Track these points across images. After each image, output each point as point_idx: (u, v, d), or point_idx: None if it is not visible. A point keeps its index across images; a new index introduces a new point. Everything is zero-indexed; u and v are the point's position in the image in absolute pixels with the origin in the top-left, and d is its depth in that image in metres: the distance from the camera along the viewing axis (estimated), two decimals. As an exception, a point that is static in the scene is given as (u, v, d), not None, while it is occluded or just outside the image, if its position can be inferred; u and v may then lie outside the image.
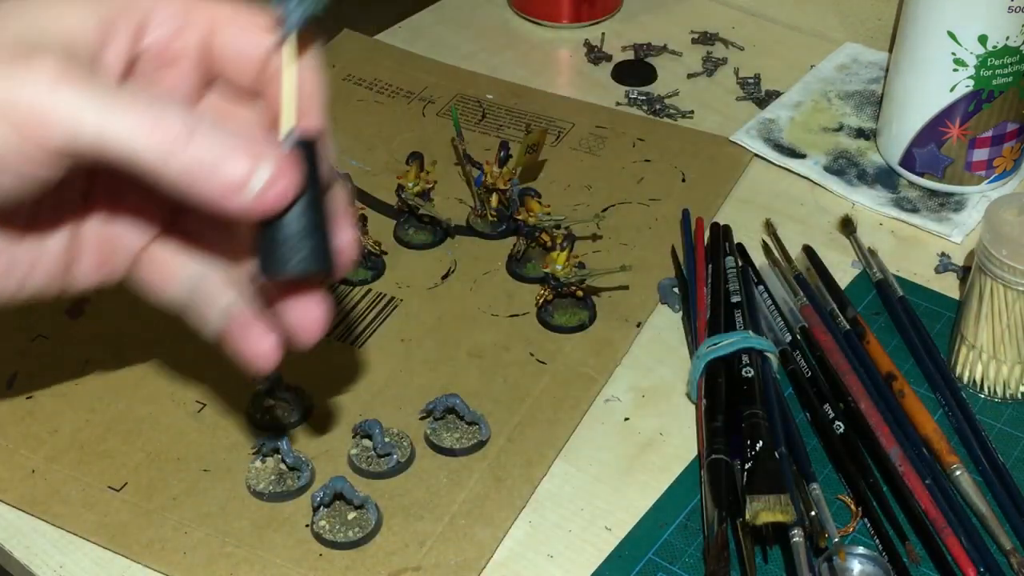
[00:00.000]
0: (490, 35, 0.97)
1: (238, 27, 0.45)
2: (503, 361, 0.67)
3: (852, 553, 0.55)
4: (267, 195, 0.42)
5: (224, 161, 0.41)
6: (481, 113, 0.87)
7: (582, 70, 0.93)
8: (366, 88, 0.89)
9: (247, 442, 0.63)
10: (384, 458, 0.61)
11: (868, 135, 0.84)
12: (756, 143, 0.84)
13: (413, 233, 0.76)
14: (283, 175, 0.42)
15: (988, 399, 0.65)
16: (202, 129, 0.40)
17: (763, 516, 0.54)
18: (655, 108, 0.88)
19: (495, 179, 0.75)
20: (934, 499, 0.58)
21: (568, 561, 0.58)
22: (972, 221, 0.77)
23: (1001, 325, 0.63)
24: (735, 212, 0.78)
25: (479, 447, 0.62)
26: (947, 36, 0.73)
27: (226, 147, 0.41)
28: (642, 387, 0.67)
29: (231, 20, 0.45)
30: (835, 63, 0.92)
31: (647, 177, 0.81)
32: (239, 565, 0.57)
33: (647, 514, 0.60)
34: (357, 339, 0.69)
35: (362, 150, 0.83)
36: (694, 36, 0.96)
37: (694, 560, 0.57)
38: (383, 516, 0.59)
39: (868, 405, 0.63)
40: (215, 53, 0.45)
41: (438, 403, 0.62)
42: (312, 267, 0.43)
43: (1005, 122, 0.76)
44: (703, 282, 0.70)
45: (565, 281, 0.68)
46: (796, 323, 0.68)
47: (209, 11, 0.45)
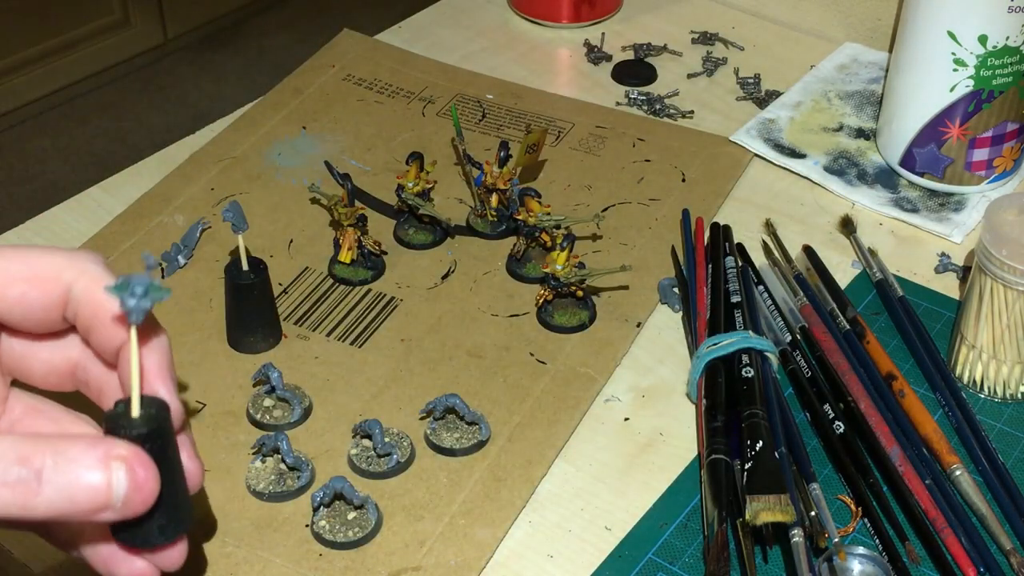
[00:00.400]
0: (490, 35, 0.97)
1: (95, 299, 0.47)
2: (503, 361, 0.67)
3: (852, 553, 0.55)
4: (133, 500, 0.43)
5: (78, 492, 0.42)
6: (481, 113, 0.87)
7: (582, 70, 0.93)
8: (366, 88, 0.89)
9: (247, 442, 0.63)
10: (384, 458, 0.61)
11: (868, 135, 0.84)
12: (756, 143, 0.84)
13: (413, 233, 0.76)
14: (139, 474, 0.43)
15: (988, 399, 0.65)
16: (46, 470, 0.41)
17: (763, 516, 0.54)
18: (655, 108, 0.88)
19: (495, 179, 0.75)
20: (934, 499, 0.58)
21: (568, 561, 0.58)
22: (972, 221, 0.77)
23: (1001, 325, 0.63)
24: (735, 212, 0.78)
25: (479, 447, 0.62)
26: (947, 36, 0.73)
27: (76, 475, 0.42)
28: (642, 387, 0.67)
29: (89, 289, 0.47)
30: (835, 63, 0.92)
31: (647, 177, 0.81)
32: (239, 565, 0.57)
33: (647, 514, 0.60)
34: (357, 339, 0.69)
35: (362, 150, 0.83)
36: (694, 36, 0.96)
37: (694, 560, 0.57)
38: (383, 516, 0.59)
39: (868, 405, 0.63)
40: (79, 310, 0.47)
41: (438, 403, 0.62)
42: (175, 534, 0.45)
43: (1005, 122, 0.76)
44: (703, 282, 0.70)
45: (565, 281, 0.68)
46: (796, 323, 0.68)
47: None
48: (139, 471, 0.43)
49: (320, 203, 0.79)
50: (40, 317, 0.47)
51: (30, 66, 2.19)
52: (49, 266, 0.46)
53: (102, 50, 2.29)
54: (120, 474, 0.42)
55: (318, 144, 0.84)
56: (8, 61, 2.16)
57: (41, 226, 0.78)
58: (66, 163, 2.15)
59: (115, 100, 2.30)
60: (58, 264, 0.46)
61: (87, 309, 0.47)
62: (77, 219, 0.78)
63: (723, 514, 0.55)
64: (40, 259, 0.46)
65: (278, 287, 0.72)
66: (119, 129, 2.23)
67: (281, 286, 0.72)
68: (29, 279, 0.46)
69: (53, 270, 0.46)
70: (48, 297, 0.46)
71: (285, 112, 0.87)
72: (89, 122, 2.24)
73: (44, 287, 0.46)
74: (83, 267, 0.47)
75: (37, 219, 0.78)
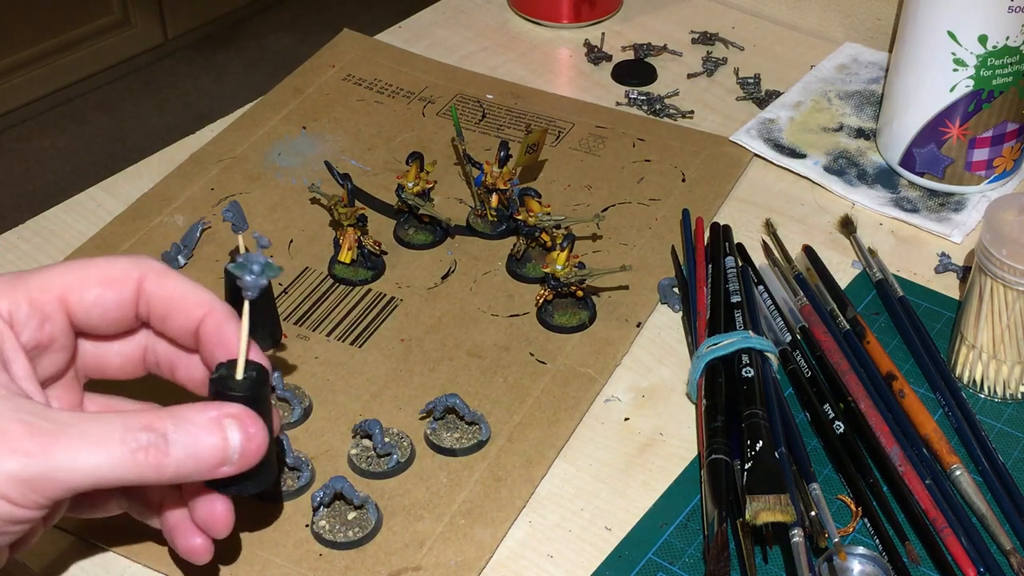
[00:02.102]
0: (490, 35, 0.97)
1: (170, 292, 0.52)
2: (503, 361, 0.67)
3: (852, 553, 0.55)
4: (247, 453, 0.48)
5: (201, 450, 0.47)
6: (481, 113, 0.87)
7: (582, 70, 0.93)
8: (366, 88, 0.89)
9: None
10: (384, 458, 0.61)
11: (868, 135, 0.84)
12: (756, 143, 0.84)
13: (413, 233, 0.76)
14: (249, 429, 0.48)
15: (988, 399, 0.65)
16: (170, 433, 0.46)
17: (763, 516, 0.54)
18: (655, 108, 0.88)
19: (495, 179, 0.75)
20: (934, 499, 0.58)
21: (568, 561, 0.58)
22: (972, 221, 0.77)
23: (1001, 325, 0.63)
24: (735, 212, 0.78)
25: (479, 447, 0.62)
26: (947, 36, 0.73)
27: (196, 435, 0.47)
28: (642, 387, 0.67)
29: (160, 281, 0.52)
30: (835, 63, 0.92)
31: (647, 177, 0.81)
32: (239, 565, 0.57)
33: (647, 514, 0.60)
34: (357, 339, 0.69)
35: (362, 150, 0.83)
36: (694, 36, 0.96)
37: (694, 560, 0.57)
38: (383, 516, 0.59)
39: (868, 405, 0.63)
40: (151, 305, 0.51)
41: (438, 403, 0.62)
42: (265, 484, 0.51)
43: (1005, 122, 0.76)
44: (703, 282, 0.70)
45: (565, 281, 0.68)
46: (796, 323, 0.68)
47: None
48: (250, 426, 0.48)
49: (320, 203, 0.79)
50: (116, 316, 0.51)
51: (30, 66, 2.19)
52: (117, 268, 0.51)
53: (102, 50, 2.29)
54: (234, 431, 0.47)
55: (318, 144, 0.84)
56: (8, 61, 2.16)
57: (41, 226, 0.78)
58: (66, 163, 2.15)
59: (115, 100, 2.30)
60: (124, 266, 0.51)
61: (160, 301, 0.51)
62: (77, 219, 0.78)
63: (723, 514, 0.55)
64: (108, 263, 0.51)
65: (278, 287, 0.72)
66: (119, 129, 2.23)
67: (281, 286, 0.72)
68: (103, 281, 0.50)
69: (122, 271, 0.51)
70: (122, 295, 0.50)
71: (285, 112, 0.87)
72: (89, 122, 2.25)
73: (118, 287, 0.50)
74: (147, 265, 0.51)
75: (37, 219, 0.78)
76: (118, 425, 0.45)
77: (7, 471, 0.44)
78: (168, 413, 0.47)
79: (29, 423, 0.44)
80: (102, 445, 0.45)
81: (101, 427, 0.45)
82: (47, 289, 0.49)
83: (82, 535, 0.58)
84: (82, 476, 0.45)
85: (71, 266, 0.50)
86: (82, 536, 0.58)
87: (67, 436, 0.45)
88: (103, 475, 0.45)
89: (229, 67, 2.41)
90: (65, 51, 2.23)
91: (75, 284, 0.50)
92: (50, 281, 0.49)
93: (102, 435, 0.45)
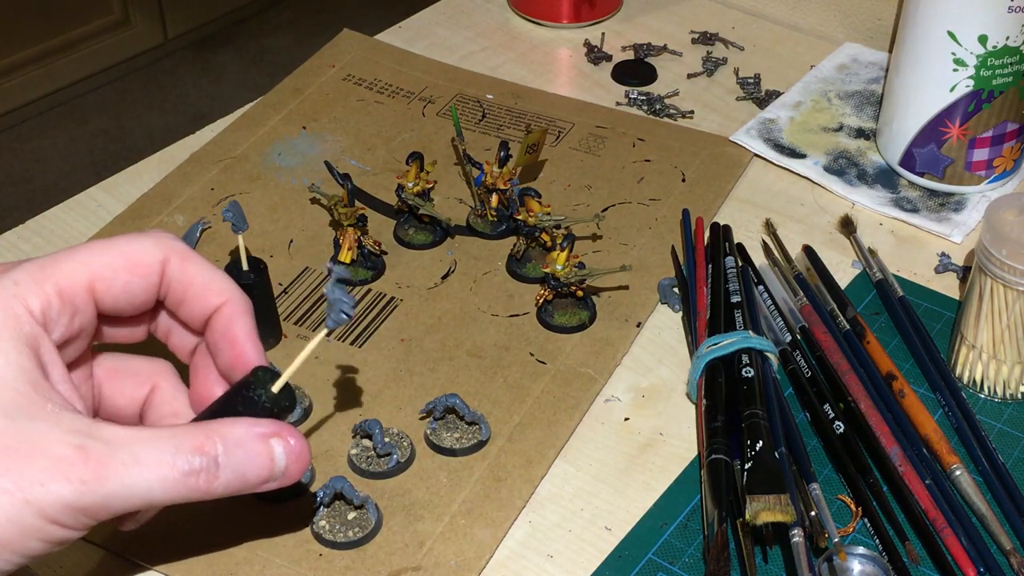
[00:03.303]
0: (490, 35, 0.97)
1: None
2: (503, 361, 0.67)
3: (852, 553, 0.55)
4: (292, 469, 0.49)
5: (250, 472, 0.48)
6: (481, 113, 0.87)
7: (582, 70, 0.93)
8: (366, 88, 0.89)
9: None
10: (384, 458, 0.61)
11: (868, 135, 0.84)
12: (756, 143, 0.84)
13: (413, 233, 0.76)
14: (295, 446, 0.49)
15: (988, 399, 0.65)
16: (220, 456, 0.46)
17: (763, 516, 0.54)
18: (655, 108, 0.88)
19: (495, 179, 0.75)
20: (934, 499, 0.58)
21: (568, 561, 0.58)
22: (972, 221, 0.77)
23: (1001, 325, 0.63)
24: (735, 212, 0.78)
25: (479, 447, 0.62)
26: (947, 36, 0.73)
27: (247, 459, 0.47)
28: (642, 387, 0.67)
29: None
30: (835, 63, 0.92)
31: (647, 177, 0.81)
32: (239, 565, 0.57)
33: (647, 514, 0.60)
34: (357, 339, 0.69)
35: (362, 150, 0.83)
36: (694, 36, 0.96)
37: (694, 560, 0.57)
38: (383, 516, 0.59)
39: (868, 405, 0.63)
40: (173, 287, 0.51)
41: (438, 403, 0.62)
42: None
43: (1005, 122, 0.76)
44: (703, 282, 0.70)
45: (565, 281, 0.68)
46: (796, 323, 0.68)
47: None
48: (295, 443, 0.48)
49: (320, 203, 0.79)
50: (141, 301, 0.51)
51: (30, 66, 2.19)
52: (144, 251, 0.50)
53: (102, 50, 2.29)
54: (280, 449, 0.48)
55: (318, 144, 0.84)
56: (8, 61, 2.16)
57: (41, 226, 0.78)
58: (66, 163, 2.15)
59: (115, 100, 2.30)
60: (149, 247, 0.50)
61: (179, 286, 0.51)
62: (77, 219, 0.78)
63: (723, 514, 0.55)
64: (131, 246, 0.50)
65: (278, 287, 0.72)
66: (119, 129, 2.23)
67: (281, 286, 0.72)
68: (131, 268, 0.50)
69: (148, 254, 0.50)
70: (148, 280, 0.50)
71: (285, 112, 0.87)
72: (89, 122, 2.25)
73: (144, 272, 0.50)
74: (170, 246, 0.50)
75: (37, 219, 0.78)
76: (169, 446, 0.46)
77: (62, 499, 0.43)
78: (217, 432, 0.47)
79: (81, 446, 0.44)
80: (155, 469, 0.45)
81: (153, 451, 0.45)
82: (76, 278, 0.48)
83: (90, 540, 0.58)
84: (135, 501, 0.45)
85: (96, 249, 0.49)
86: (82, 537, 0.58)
87: (120, 462, 0.44)
88: (155, 498, 0.45)
89: (229, 67, 2.41)
90: (65, 51, 2.23)
91: (103, 271, 0.49)
92: (78, 269, 0.48)
93: (154, 459, 0.45)
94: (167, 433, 0.46)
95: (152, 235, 0.50)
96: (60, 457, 0.44)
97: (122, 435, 0.45)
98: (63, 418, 0.45)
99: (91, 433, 0.45)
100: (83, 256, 0.49)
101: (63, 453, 0.44)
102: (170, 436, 0.46)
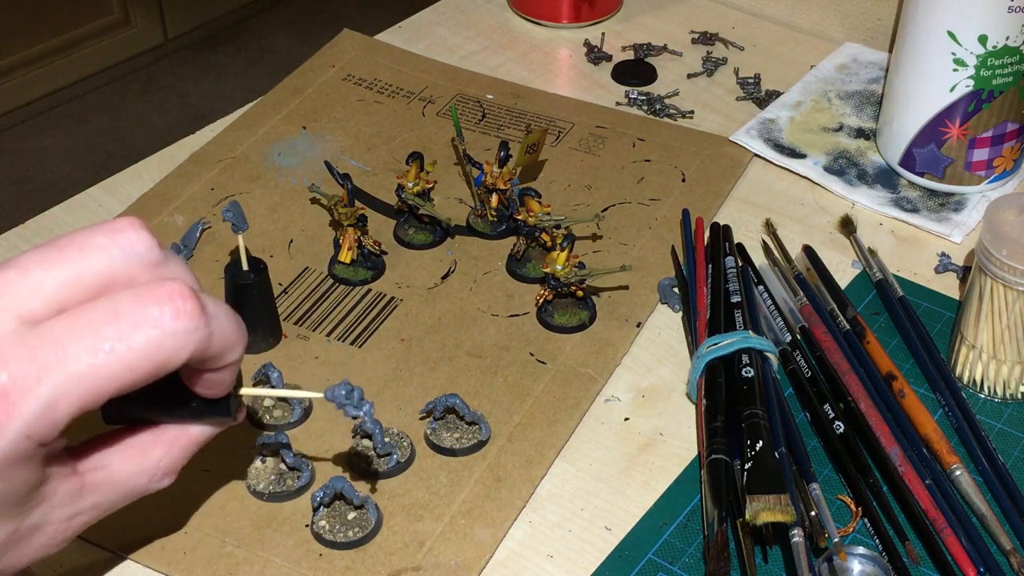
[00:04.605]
0: (490, 35, 0.97)
1: None
2: (503, 361, 0.67)
3: (852, 553, 0.55)
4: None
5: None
6: (481, 113, 0.87)
7: (582, 70, 0.93)
8: (366, 88, 0.89)
9: (247, 442, 0.63)
10: (384, 458, 0.61)
11: (868, 135, 0.84)
12: (756, 143, 0.84)
13: (413, 233, 0.76)
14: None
15: (988, 399, 0.65)
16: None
17: (763, 516, 0.54)
18: (655, 108, 0.88)
19: (495, 179, 0.75)
20: (934, 499, 0.58)
21: (568, 561, 0.58)
22: (972, 221, 0.77)
23: (1001, 325, 0.63)
24: (735, 212, 0.78)
25: (479, 447, 0.62)
26: (947, 36, 0.73)
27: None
28: (642, 387, 0.67)
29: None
30: (835, 63, 0.92)
31: (647, 177, 0.81)
32: (239, 565, 0.57)
33: (647, 514, 0.60)
34: (357, 339, 0.69)
35: (362, 150, 0.83)
36: (694, 36, 0.96)
37: (694, 560, 0.57)
38: (383, 516, 0.59)
39: (868, 405, 0.63)
40: None
41: (438, 403, 0.62)
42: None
43: (1005, 122, 0.76)
44: (703, 282, 0.70)
45: (565, 281, 0.68)
46: (796, 323, 0.68)
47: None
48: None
49: (320, 203, 0.79)
50: None
51: (30, 66, 2.19)
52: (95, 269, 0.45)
53: (102, 50, 2.29)
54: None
55: (318, 144, 0.84)
56: (8, 61, 2.16)
57: (41, 226, 0.78)
58: (66, 163, 2.15)
59: (115, 100, 2.30)
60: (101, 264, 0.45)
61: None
62: (77, 219, 0.78)
63: (723, 514, 0.55)
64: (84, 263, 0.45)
65: (278, 287, 0.72)
66: (119, 129, 2.23)
67: (281, 286, 0.72)
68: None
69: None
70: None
71: (285, 112, 0.87)
72: (89, 122, 2.25)
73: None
74: (126, 256, 0.45)
75: (37, 219, 0.78)
76: None
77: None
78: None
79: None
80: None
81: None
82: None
83: (82, 536, 0.58)
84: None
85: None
86: (82, 537, 0.58)
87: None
88: None
89: (229, 67, 2.41)
90: (65, 51, 2.23)
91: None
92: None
93: None
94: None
95: (112, 235, 0.45)
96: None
97: None
98: None
99: None
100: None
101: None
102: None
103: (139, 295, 0.43)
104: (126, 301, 0.43)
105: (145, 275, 0.45)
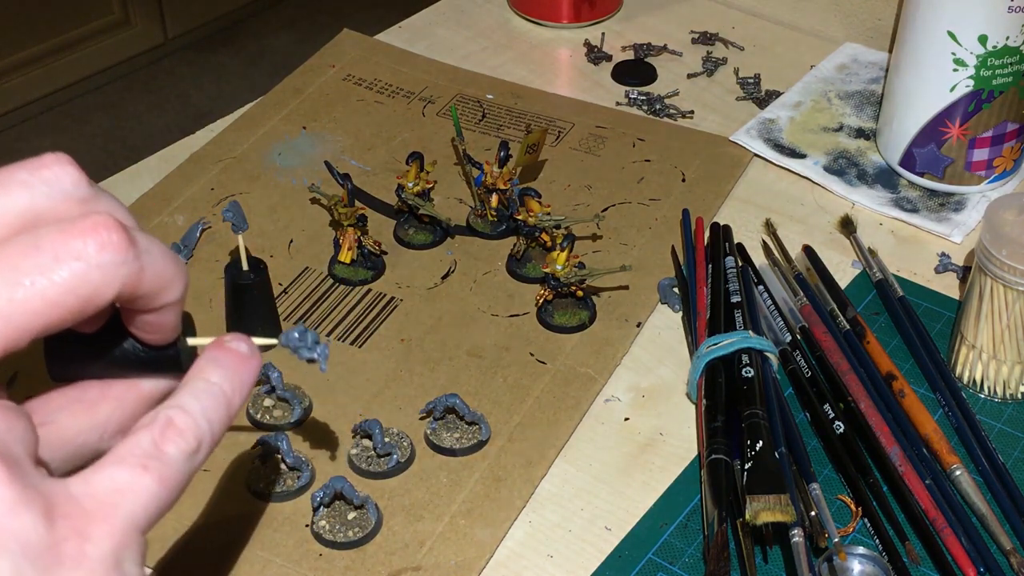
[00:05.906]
0: (490, 35, 0.97)
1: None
2: (503, 361, 0.67)
3: (852, 553, 0.55)
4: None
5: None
6: (481, 113, 0.87)
7: (582, 70, 0.93)
8: (366, 88, 0.89)
9: (247, 442, 0.63)
10: (384, 458, 0.61)
11: (868, 135, 0.84)
12: (756, 143, 0.84)
13: (413, 233, 0.76)
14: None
15: (988, 399, 0.65)
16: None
17: (763, 516, 0.54)
18: (655, 108, 0.88)
19: (495, 179, 0.75)
20: (934, 499, 0.58)
21: (568, 561, 0.58)
22: (972, 221, 0.77)
23: (1001, 325, 0.63)
24: (735, 212, 0.78)
25: (479, 447, 0.62)
26: (947, 36, 0.73)
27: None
28: (642, 387, 0.67)
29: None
30: (835, 63, 0.92)
31: (647, 177, 0.81)
32: (239, 565, 0.57)
33: (647, 514, 0.60)
34: (357, 339, 0.69)
35: (362, 150, 0.83)
36: (694, 36, 0.96)
37: (694, 560, 0.57)
38: (383, 516, 0.59)
39: (868, 405, 0.63)
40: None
41: (438, 403, 0.62)
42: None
43: (1005, 122, 0.76)
44: (703, 282, 0.70)
45: (565, 281, 0.68)
46: (796, 323, 0.68)
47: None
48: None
49: (320, 203, 0.79)
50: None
51: (30, 66, 2.19)
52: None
53: (102, 50, 2.29)
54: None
55: (318, 144, 0.84)
56: (8, 61, 2.16)
57: (41, 226, 0.78)
58: (66, 163, 2.15)
59: (115, 100, 2.30)
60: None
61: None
62: (77, 219, 0.78)
63: (723, 514, 0.55)
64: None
65: (278, 287, 0.72)
66: (119, 129, 2.23)
67: (281, 286, 0.72)
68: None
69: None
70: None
71: (285, 112, 0.87)
72: (89, 122, 2.24)
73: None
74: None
75: (37, 219, 0.78)
76: None
77: None
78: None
79: None
80: None
81: None
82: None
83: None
84: None
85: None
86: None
87: None
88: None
89: (229, 67, 2.41)
90: (65, 51, 2.23)
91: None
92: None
93: None
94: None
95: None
96: None
97: None
98: None
99: None
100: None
101: None
102: None
103: (62, 228, 0.41)
104: (48, 235, 0.41)
105: (73, 211, 0.42)
